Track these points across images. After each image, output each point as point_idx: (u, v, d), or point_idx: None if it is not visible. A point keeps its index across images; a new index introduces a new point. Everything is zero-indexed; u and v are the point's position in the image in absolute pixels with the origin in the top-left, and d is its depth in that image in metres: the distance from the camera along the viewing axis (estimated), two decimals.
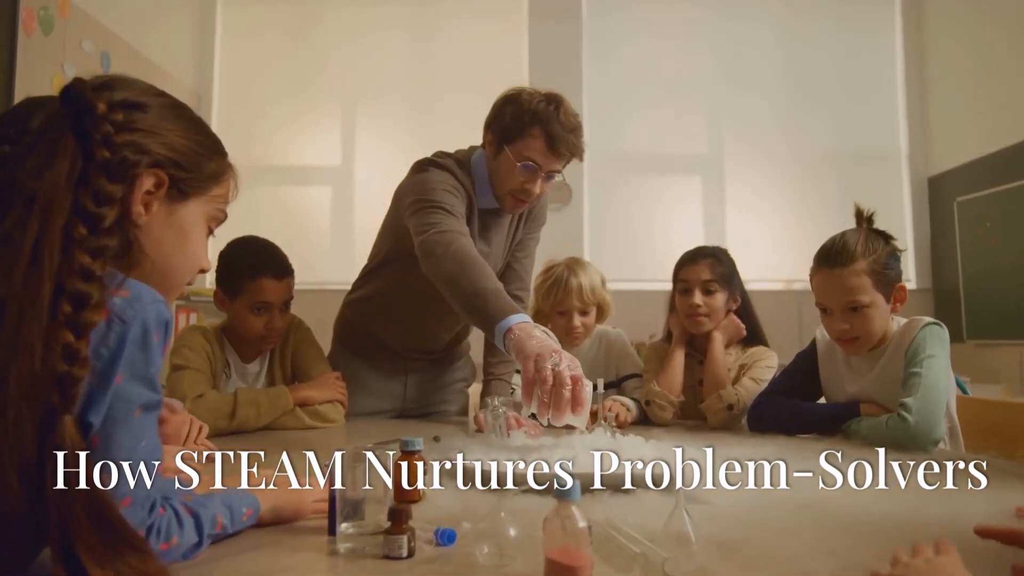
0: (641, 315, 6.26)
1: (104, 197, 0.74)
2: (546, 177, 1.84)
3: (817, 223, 6.28)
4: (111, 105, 0.79)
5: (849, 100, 6.24)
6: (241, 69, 6.23)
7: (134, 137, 0.79)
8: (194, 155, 0.86)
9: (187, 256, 0.86)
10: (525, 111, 1.79)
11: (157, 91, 0.87)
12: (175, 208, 0.84)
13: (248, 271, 1.85)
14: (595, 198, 6.29)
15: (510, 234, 2.05)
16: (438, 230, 1.71)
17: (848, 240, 1.65)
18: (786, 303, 6.25)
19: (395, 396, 2.19)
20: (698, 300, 2.06)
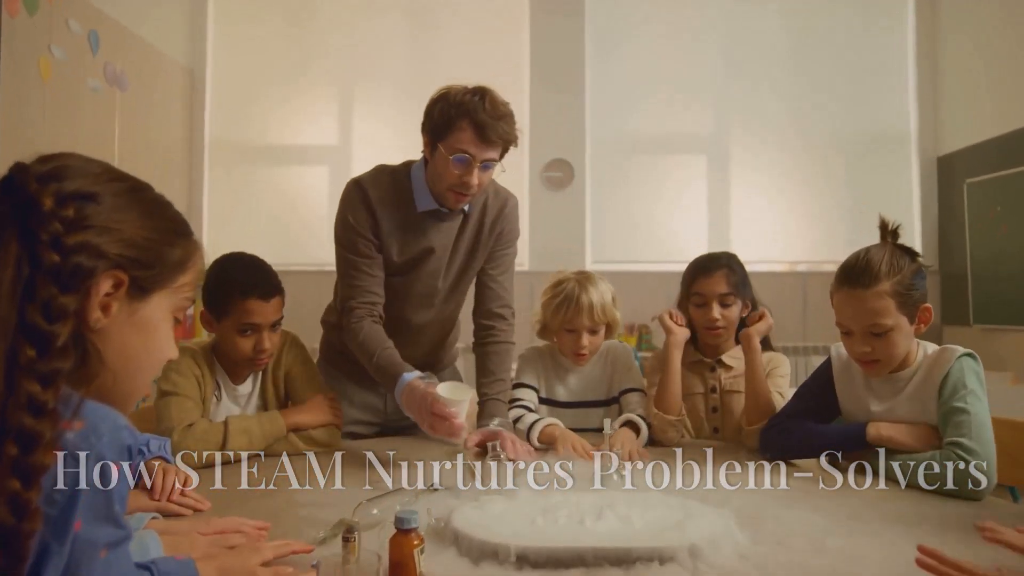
0: (644, 297, 6.19)
1: (55, 311, 0.64)
2: (482, 167, 1.86)
3: (823, 204, 6.18)
4: (60, 199, 0.68)
5: (857, 80, 6.09)
6: (235, 46, 6.07)
7: (88, 236, 0.69)
8: (156, 246, 0.76)
9: (152, 356, 0.77)
10: (452, 105, 1.83)
11: (112, 173, 0.76)
12: (137, 307, 0.74)
13: (234, 292, 1.76)
14: (597, 179, 6.18)
15: (468, 241, 2.04)
16: (341, 308, 1.94)
17: (872, 259, 1.56)
18: (790, 285, 6.18)
19: (376, 410, 2.17)
20: (716, 314, 1.98)
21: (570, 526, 1.10)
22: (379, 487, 1.44)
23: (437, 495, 1.35)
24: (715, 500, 1.34)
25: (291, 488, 1.43)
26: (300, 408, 1.82)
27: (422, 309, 2.05)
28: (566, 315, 1.97)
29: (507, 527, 1.09)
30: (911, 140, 6.08)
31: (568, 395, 2.09)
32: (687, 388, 2.07)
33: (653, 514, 1.14)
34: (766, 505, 1.32)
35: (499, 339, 2.04)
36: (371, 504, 1.22)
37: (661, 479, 1.44)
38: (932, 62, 5.99)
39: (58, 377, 0.63)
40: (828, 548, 1.09)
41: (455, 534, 1.09)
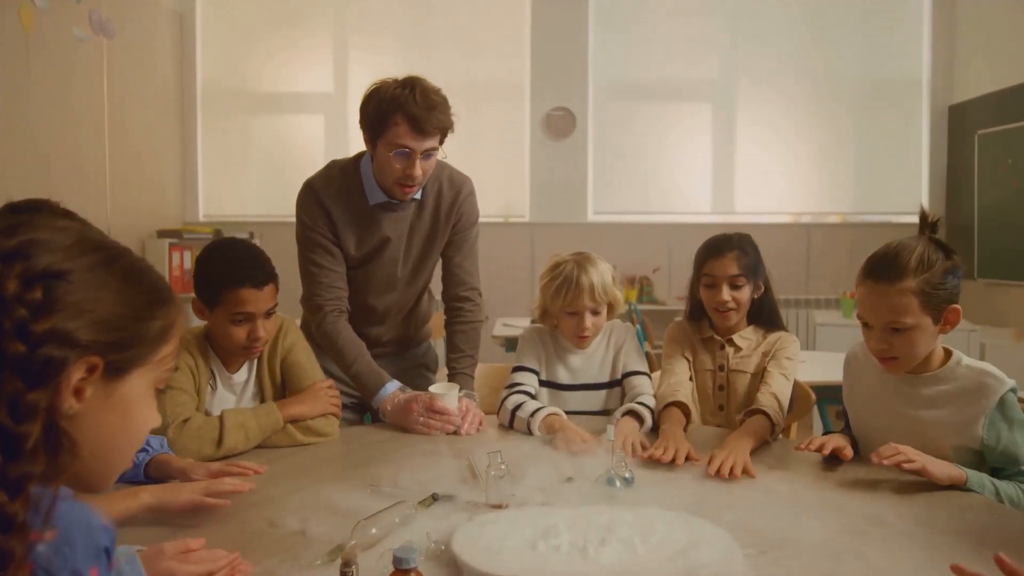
0: (645, 249, 6.14)
1: (24, 410, 0.59)
2: (423, 157, 1.89)
3: (830, 154, 6.05)
4: (26, 280, 0.62)
5: (870, 24, 5.88)
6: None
7: (57, 321, 0.63)
8: (134, 324, 0.70)
9: (132, 435, 0.72)
10: (384, 101, 1.85)
11: (85, 243, 0.69)
12: (114, 387, 0.68)
13: (225, 281, 1.70)
14: (599, 127, 6.04)
15: (425, 229, 2.09)
16: (307, 305, 2.04)
17: (902, 253, 1.49)
18: (795, 237, 6.12)
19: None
20: (726, 296, 1.95)
21: (572, 555, 1.07)
22: (377, 493, 1.42)
23: (436, 508, 1.33)
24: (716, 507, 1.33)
25: (285, 497, 1.39)
26: (297, 399, 1.79)
27: (385, 294, 2.13)
28: (567, 297, 1.93)
29: (508, 555, 1.07)
30: (923, 88, 5.91)
31: (570, 377, 2.05)
32: (697, 365, 2.06)
33: (657, 537, 1.11)
34: (766, 516, 1.30)
35: (467, 319, 2.17)
36: (369, 523, 1.19)
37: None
38: (949, 7, 5.77)
39: (28, 483, 0.58)
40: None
41: (456, 562, 1.07)
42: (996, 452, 1.47)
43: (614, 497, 1.38)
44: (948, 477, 1.43)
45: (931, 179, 5.97)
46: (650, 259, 6.12)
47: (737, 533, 1.20)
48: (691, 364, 2.06)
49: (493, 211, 6.00)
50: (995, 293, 5.36)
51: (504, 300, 5.93)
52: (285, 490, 1.42)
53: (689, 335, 2.08)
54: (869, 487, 1.45)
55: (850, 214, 6.15)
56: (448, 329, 2.17)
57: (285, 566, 1.10)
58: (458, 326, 2.15)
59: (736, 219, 6.12)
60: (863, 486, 1.46)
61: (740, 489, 1.44)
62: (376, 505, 1.33)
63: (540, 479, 1.46)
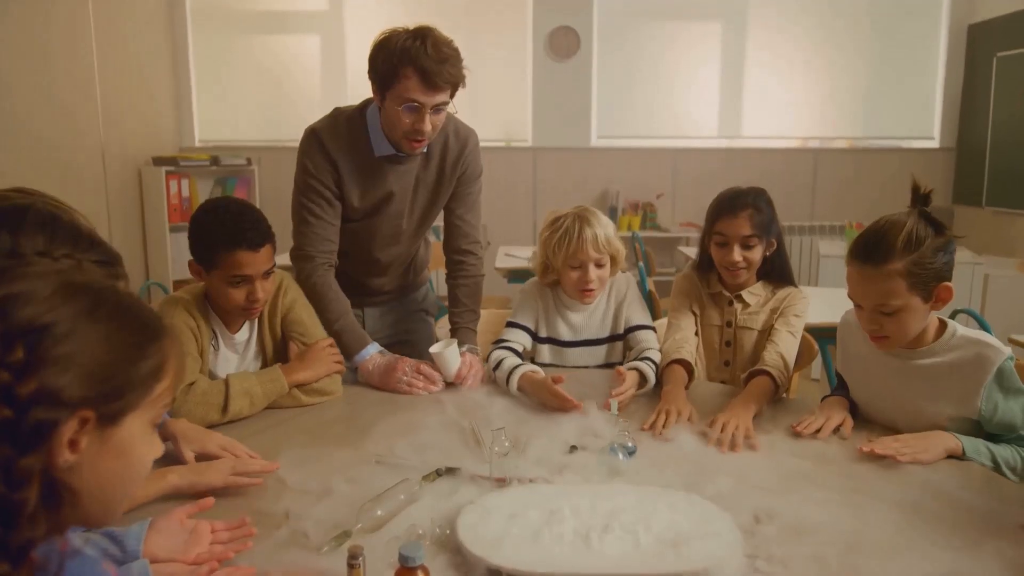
0: (649, 175, 6.04)
1: (18, 476, 0.57)
2: (433, 112, 1.84)
3: (842, 76, 5.86)
4: (6, 340, 0.60)
5: None
6: None
7: (43, 379, 0.60)
8: (124, 369, 0.67)
9: (133, 475, 0.70)
10: (394, 53, 1.78)
11: (66, 289, 0.66)
12: (110, 434, 0.66)
13: (221, 244, 1.67)
14: (604, 47, 5.83)
15: (430, 182, 2.06)
16: (296, 255, 1.99)
17: (889, 232, 1.45)
18: (801, 162, 6.01)
19: None
20: (737, 256, 1.91)
21: (576, 544, 1.09)
22: (383, 461, 1.44)
23: (441, 483, 1.34)
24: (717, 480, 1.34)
25: (289, 475, 1.38)
26: (301, 363, 1.78)
27: (389, 247, 2.12)
28: (569, 249, 1.90)
29: (513, 544, 1.08)
30: (942, 5, 5.67)
31: (571, 333, 2.04)
32: (704, 319, 2.05)
33: (660, 524, 1.13)
34: (766, 489, 1.31)
35: (469, 273, 2.16)
36: (374, 504, 1.21)
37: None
38: None
39: (31, 548, 0.57)
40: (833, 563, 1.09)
41: (460, 550, 1.09)
42: (993, 422, 1.47)
43: (617, 469, 1.39)
44: (945, 451, 1.44)
45: (945, 103, 5.81)
46: (654, 185, 6.03)
47: (737, 509, 1.22)
48: (698, 318, 2.05)
49: (494, 135, 5.88)
50: (1002, 222, 5.31)
51: (506, 228, 5.89)
52: (290, 466, 1.42)
53: (697, 288, 2.06)
54: (867, 456, 1.46)
55: (859, 139, 6.02)
56: (450, 283, 2.15)
57: (291, 552, 1.12)
58: (460, 280, 2.14)
59: (742, 143, 6.00)
60: (862, 456, 1.47)
61: (740, 460, 1.45)
62: (381, 477, 1.35)
63: (543, 450, 1.47)
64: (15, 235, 0.91)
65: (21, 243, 0.90)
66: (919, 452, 1.43)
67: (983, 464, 1.44)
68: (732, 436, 1.52)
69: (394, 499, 1.24)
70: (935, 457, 1.43)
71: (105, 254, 0.98)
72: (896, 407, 1.58)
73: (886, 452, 1.41)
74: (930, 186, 1.53)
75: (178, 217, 5.32)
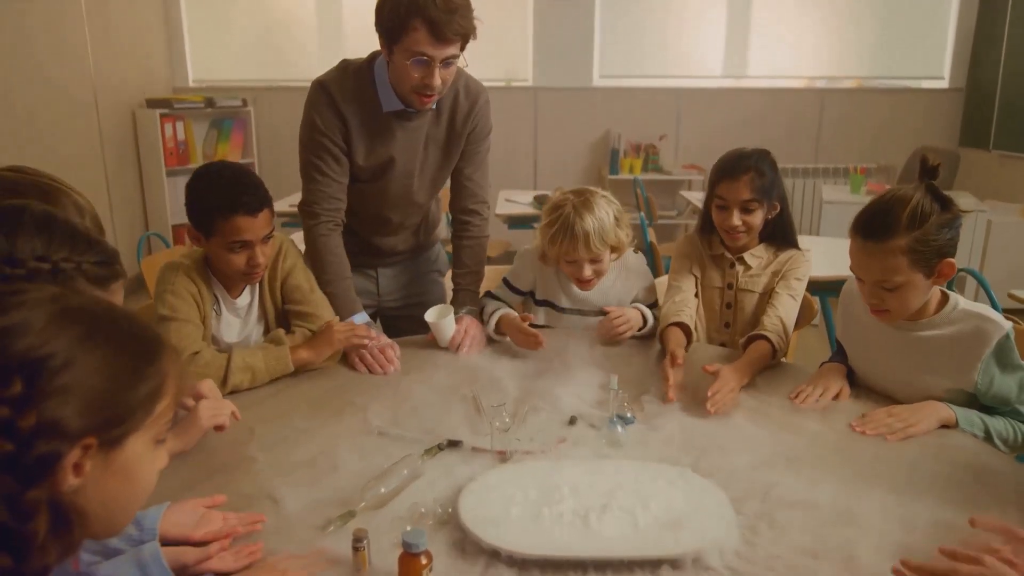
0: (653, 116, 5.94)
1: (27, 509, 0.58)
2: (443, 65, 1.78)
3: (852, 12, 5.70)
4: (4, 371, 0.59)
5: None
6: None
7: (44, 410, 0.60)
8: (123, 395, 0.67)
9: (138, 492, 0.70)
10: (400, 4, 1.70)
11: (63, 317, 0.65)
12: (113, 457, 0.67)
13: (219, 210, 1.65)
14: None
15: (440, 141, 2.01)
16: (304, 211, 1.97)
17: (894, 207, 1.43)
18: (807, 102, 5.91)
19: (369, 293, 2.22)
20: (736, 221, 1.89)
21: (575, 524, 1.11)
22: (385, 432, 1.46)
23: (443, 458, 1.36)
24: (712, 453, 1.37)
25: (293, 450, 1.41)
26: (309, 345, 1.75)
27: (400, 207, 2.09)
28: (563, 245, 1.86)
29: (513, 526, 1.11)
30: None
31: (569, 302, 2.05)
32: (705, 281, 2.05)
33: (657, 505, 1.15)
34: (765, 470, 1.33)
35: (473, 234, 2.12)
36: (378, 482, 1.23)
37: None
38: None
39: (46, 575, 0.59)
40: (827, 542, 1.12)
41: (462, 529, 1.11)
42: (988, 395, 1.49)
43: (616, 441, 1.41)
44: (938, 421, 1.46)
45: (956, 42, 5.66)
46: (657, 126, 5.93)
47: (732, 485, 1.24)
48: (698, 280, 2.05)
49: (494, 75, 5.75)
50: (1008, 166, 5.24)
51: (506, 171, 5.82)
52: (293, 439, 1.45)
53: (699, 250, 2.05)
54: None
55: (867, 79, 5.90)
56: (455, 243, 2.13)
57: (297, 531, 1.14)
58: (464, 240, 2.11)
59: (748, 83, 5.88)
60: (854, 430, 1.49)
61: (736, 434, 1.47)
62: (384, 450, 1.38)
63: (543, 422, 1.49)
64: (12, 238, 0.90)
65: (19, 246, 0.89)
66: (912, 424, 1.45)
67: (975, 435, 1.46)
68: (719, 400, 1.54)
69: (397, 475, 1.27)
70: (928, 428, 1.45)
71: (103, 253, 0.97)
72: (894, 377, 1.60)
73: (877, 432, 1.44)
74: (938, 160, 1.49)
75: (174, 161, 5.26)
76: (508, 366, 1.82)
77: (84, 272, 0.94)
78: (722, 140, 5.99)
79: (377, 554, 1.07)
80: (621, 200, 2.07)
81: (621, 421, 1.45)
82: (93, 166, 4.81)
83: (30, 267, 0.89)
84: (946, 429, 1.47)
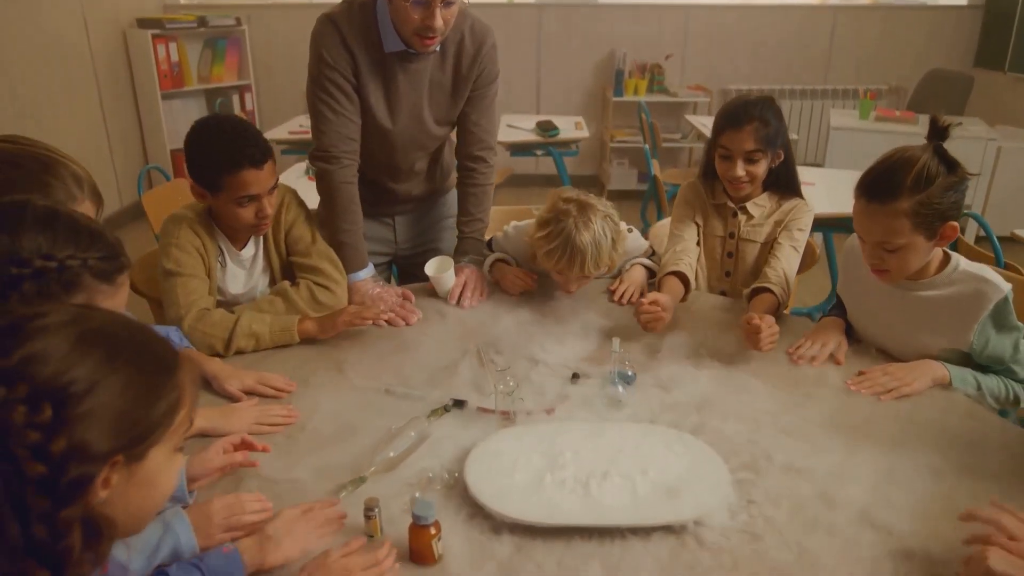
0: (659, 34, 5.76)
1: (60, 528, 0.61)
2: (444, 5, 1.72)
3: None
4: (34, 398, 0.61)
5: None
6: None
7: (73, 435, 0.63)
8: (145, 413, 0.69)
9: (159, 497, 0.73)
10: None
11: (83, 341, 0.66)
12: (136, 468, 0.70)
13: (224, 166, 1.63)
14: None
15: (446, 85, 1.96)
16: (318, 156, 1.90)
17: (899, 169, 1.41)
18: (819, 21, 5.72)
19: (386, 240, 2.21)
20: (740, 172, 1.87)
21: (576, 491, 1.16)
22: (393, 391, 1.50)
23: (449, 419, 1.40)
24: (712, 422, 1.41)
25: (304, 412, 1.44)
26: (318, 323, 1.72)
27: (409, 152, 2.05)
28: (557, 264, 1.79)
29: (518, 494, 1.16)
30: None
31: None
32: (707, 230, 2.05)
33: (655, 471, 1.20)
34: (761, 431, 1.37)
35: (479, 182, 2.08)
36: (387, 446, 1.27)
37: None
38: None
39: None
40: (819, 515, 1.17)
41: (469, 496, 1.16)
42: (983, 355, 1.52)
43: (617, 400, 1.45)
44: (932, 380, 1.50)
45: None
46: (663, 45, 5.76)
47: (728, 448, 1.29)
48: (700, 228, 2.04)
49: None
50: (1020, 89, 5.12)
51: (507, 93, 5.70)
52: (299, 395, 1.49)
53: (702, 198, 2.04)
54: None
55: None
56: (460, 191, 2.10)
57: (311, 497, 1.19)
58: (470, 188, 2.07)
59: (759, 0, 5.67)
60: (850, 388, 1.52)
61: (734, 395, 1.50)
62: (391, 408, 1.43)
63: (546, 381, 1.53)
64: (15, 237, 0.90)
65: (23, 245, 0.90)
66: (907, 383, 1.48)
67: (967, 393, 1.50)
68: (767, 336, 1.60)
69: (405, 438, 1.31)
70: (923, 387, 1.49)
71: (107, 247, 0.98)
72: (891, 335, 1.62)
73: (872, 391, 1.48)
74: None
75: (169, 84, 5.14)
76: (512, 320, 1.84)
77: (90, 268, 0.95)
78: (730, 61, 5.87)
79: (388, 521, 1.12)
80: (624, 124, 2.04)
81: (622, 380, 1.49)
82: (86, 91, 4.71)
83: (37, 266, 0.90)
84: (940, 388, 1.50)
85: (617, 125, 5.83)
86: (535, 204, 2.29)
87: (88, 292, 0.95)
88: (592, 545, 1.09)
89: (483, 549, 1.09)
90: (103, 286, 0.97)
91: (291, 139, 4.32)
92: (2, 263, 0.88)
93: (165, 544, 0.98)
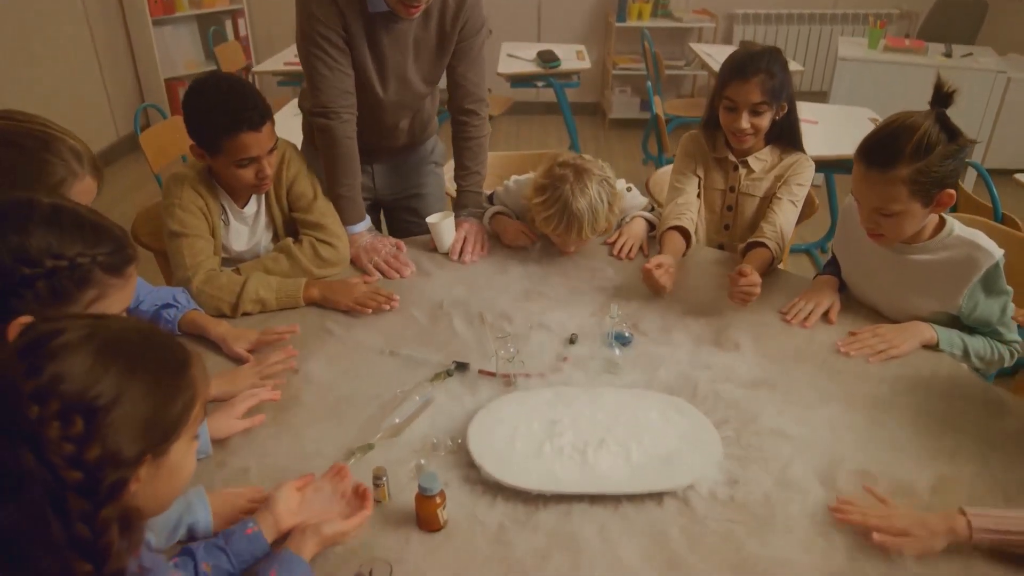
0: None
1: (100, 527, 0.66)
2: None
3: None
4: (66, 413, 0.66)
5: None
6: None
7: (105, 443, 0.68)
8: (166, 414, 0.74)
9: (181, 482, 0.79)
10: None
11: (105, 351, 0.71)
12: (160, 462, 0.76)
13: (223, 129, 1.62)
14: None
15: (431, 42, 1.94)
16: (318, 112, 1.89)
17: (900, 135, 1.41)
18: None
19: (366, 188, 2.18)
20: (745, 124, 1.87)
21: (573, 458, 1.22)
22: (397, 352, 1.55)
23: (451, 384, 1.45)
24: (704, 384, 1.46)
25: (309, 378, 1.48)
26: (325, 291, 1.75)
27: (399, 111, 2.05)
28: (555, 231, 1.83)
29: (517, 457, 1.22)
30: None
31: None
32: (708, 182, 2.06)
33: (649, 439, 1.26)
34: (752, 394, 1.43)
35: (472, 135, 2.07)
36: (392, 412, 1.33)
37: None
38: None
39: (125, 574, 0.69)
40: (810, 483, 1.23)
41: (471, 463, 1.22)
42: (971, 318, 1.56)
43: (614, 363, 1.50)
44: (920, 342, 1.55)
45: None
46: None
47: (720, 412, 1.35)
48: (701, 181, 2.05)
49: None
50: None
51: (508, 19, 5.56)
52: (304, 357, 1.54)
53: (703, 150, 2.04)
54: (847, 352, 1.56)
55: None
56: (454, 144, 2.10)
57: (321, 463, 1.25)
58: (464, 142, 2.07)
59: None
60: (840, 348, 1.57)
61: (727, 357, 1.55)
62: (394, 372, 1.48)
63: (545, 344, 1.57)
64: (24, 237, 0.92)
65: (31, 244, 0.92)
66: (895, 345, 1.53)
67: (954, 354, 1.55)
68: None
69: (410, 403, 1.37)
70: (911, 349, 1.54)
71: (114, 241, 1.00)
72: (883, 295, 1.66)
73: (861, 352, 1.54)
74: (954, 86, 1.45)
75: (160, 10, 5.01)
76: (507, 278, 1.87)
77: (100, 263, 0.98)
78: None
79: (395, 487, 1.19)
80: (627, 51, 2.02)
81: (619, 343, 1.53)
82: (75, 19, 4.59)
83: (48, 266, 0.93)
84: (927, 349, 1.55)
85: (620, 51, 5.70)
86: (533, 147, 2.27)
87: (100, 287, 0.99)
88: (589, 510, 1.15)
89: (485, 514, 1.15)
90: (113, 279, 1.00)
91: (286, 71, 4.25)
92: (14, 264, 0.91)
93: (183, 524, 1.06)
